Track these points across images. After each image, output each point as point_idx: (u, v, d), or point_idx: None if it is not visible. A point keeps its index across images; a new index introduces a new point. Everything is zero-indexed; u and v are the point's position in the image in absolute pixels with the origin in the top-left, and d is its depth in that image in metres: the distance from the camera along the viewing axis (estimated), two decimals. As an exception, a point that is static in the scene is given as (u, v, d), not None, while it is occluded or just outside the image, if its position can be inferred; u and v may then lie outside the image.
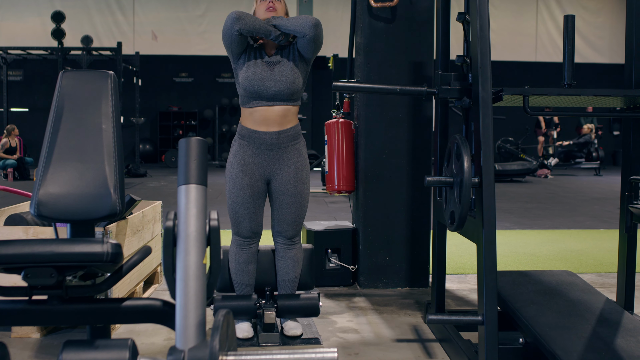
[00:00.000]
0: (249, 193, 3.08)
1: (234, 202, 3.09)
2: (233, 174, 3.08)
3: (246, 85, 3.01)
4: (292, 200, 3.11)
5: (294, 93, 3.04)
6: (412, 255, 4.15)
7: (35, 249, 1.92)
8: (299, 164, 3.11)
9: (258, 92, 3.00)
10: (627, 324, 2.76)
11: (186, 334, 1.67)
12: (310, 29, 2.96)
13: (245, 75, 3.01)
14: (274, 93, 3.00)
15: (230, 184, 3.09)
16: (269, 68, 3.01)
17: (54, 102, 2.51)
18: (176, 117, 19.57)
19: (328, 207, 8.55)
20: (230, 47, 3.02)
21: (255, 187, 3.08)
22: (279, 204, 3.12)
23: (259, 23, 2.98)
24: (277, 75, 3.00)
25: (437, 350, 3.02)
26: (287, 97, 3.03)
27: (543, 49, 19.64)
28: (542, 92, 2.69)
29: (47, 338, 3.10)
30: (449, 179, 2.68)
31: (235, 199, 3.08)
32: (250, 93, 3.02)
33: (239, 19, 2.93)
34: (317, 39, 3.01)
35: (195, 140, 1.83)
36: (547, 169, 14.99)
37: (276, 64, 3.03)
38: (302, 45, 3.02)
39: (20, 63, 16.50)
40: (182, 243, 1.73)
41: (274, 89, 3.00)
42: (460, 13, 2.86)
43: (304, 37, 2.98)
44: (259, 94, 3.01)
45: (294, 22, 2.99)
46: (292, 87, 3.02)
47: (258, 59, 3.04)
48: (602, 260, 5.16)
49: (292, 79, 3.01)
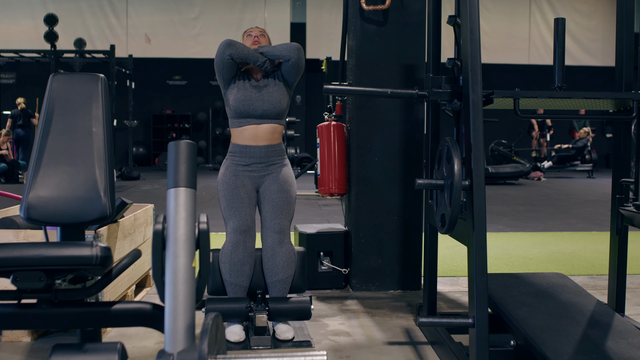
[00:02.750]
0: (242, 191, 3.27)
1: (229, 199, 3.26)
2: (226, 179, 3.30)
3: (236, 106, 3.27)
4: (279, 196, 3.29)
5: (280, 112, 3.32)
6: (404, 258, 4.15)
7: (24, 253, 1.91)
8: (286, 172, 3.36)
9: (248, 111, 3.27)
10: (618, 326, 2.76)
11: (175, 337, 1.66)
12: (294, 52, 3.27)
13: (235, 97, 3.27)
14: (263, 112, 3.27)
15: (223, 187, 3.28)
16: (257, 90, 3.29)
17: (44, 105, 2.50)
18: (170, 120, 19.54)
19: (321, 209, 8.55)
20: (222, 72, 3.27)
21: (248, 189, 3.29)
22: (268, 199, 3.29)
23: (248, 50, 3.27)
24: (265, 96, 3.28)
25: (429, 353, 3.02)
26: (274, 116, 3.30)
27: (536, 51, 19.70)
28: (533, 94, 2.70)
29: (37, 342, 3.09)
30: (440, 182, 2.68)
31: (229, 197, 3.26)
32: (240, 113, 3.28)
33: (230, 45, 3.22)
34: (299, 62, 3.29)
35: (184, 143, 1.83)
36: (540, 171, 15.02)
37: (263, 87, 3.30)
38: (286, 69, 3.31)
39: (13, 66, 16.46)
40: (171, 246, 1.73)
41: (262, 108, 3.27)
42: (451, 16, 2.86)
43: (288, 60, 3.27)
44: (249, 113, 3.27)
45: (279, 48, 3.29)
46: (279, 107, 3.30)
47: (247, 83, 3.30)
48: (594, 263, 5.17)
49: (278, 99, 3.29)
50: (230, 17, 19.25)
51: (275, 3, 19.38)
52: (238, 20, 19.27)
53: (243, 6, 19.29)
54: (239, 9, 19.29)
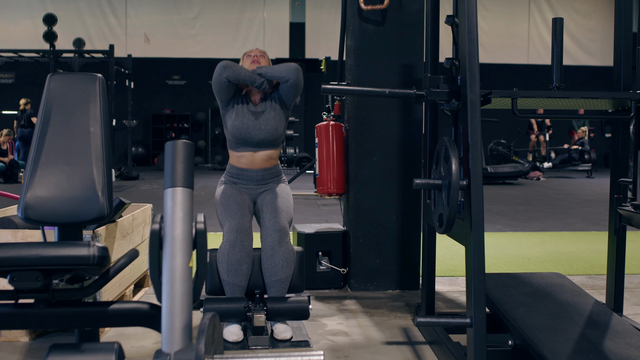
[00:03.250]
0: (239, 197, 3.33)
1: (225, 204, 3.29)
2: (223, 191, 3.37)
3: (234, 133, 3.32)
4: (277, 200, 3.33)
5: (277, 139, 3.37)
6: (403, 258, 4.15)
7: (21, 253, 1.91)
8: (282, 186, 3.42)
9: (245, 139, 3.32)
10: (616, 326, 2.76)
11: (172, 337, 1.66)
12: (293, 73, 3.27)
13: (233, 123, 3.31)
14: (259, 140, 3.32)
15: (220, 197, 3.36)
16: (254, 117, 3.31)
17: (42, 105, 2.50)
18: (169, 119, 19.55)
19: (320, 209, 8.55)
20: (219, 94, 3.31)
21: (244, 198, 3.36)
22: (266, 205, 3.32)
23: (245, 71, 3.28)
24: (262, 124, 3.31)
25: (427, 353, 3.02)
26: (270, 144, 3.36)
27: (535, 51, 19.71)
28: (531, 94, 2.70)
29: (35, 342, 3.09)
30: (437, 182, 2.68)
31: (225, 202, 3.31)
32: (238, 140, 3.34)
33: (226, 67, 3.24)
34: (298, 83, 3.31)
35: (181, 143, 1.83)
36: (539, 171, 15.03)
37: (261, 113, 3.32)
38: (284, 90, 3.33)
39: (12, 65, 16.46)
40: (168, 246, 1.73)
41: (259, 137, 3.31)
42: (449, 16, 2.86)
43: (287, 82, 3.29)
44: (246, 141, 3.32)
45: (278, 69, 3.29)
46: (275, 134, 3.34)
47: (245, 108, 3.33)
48: (592, 262, 5.17)
49: (275, 127, 3.33)
50: (230, 16, 19.26)
51: (274, 3, 19.39)
52: (237, 20, 19.28)
53: (242, 6, 19.29)
54: (238, 9, 19.29)
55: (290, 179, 10.25)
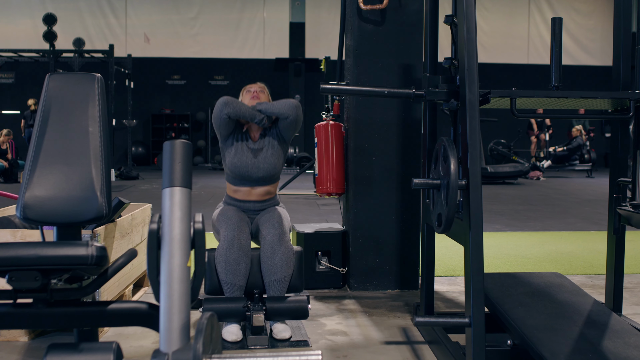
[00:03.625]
0: (238, 213, 3.34)
1: (222, 215, 3.34)
2: (221, 209, 3.39)
3: (233, 169, 3.37)
4: (275, 213, 3.34)
5: (274, 175, 3.42)
6: (402, 258, 4.15)
7: (19, 252, 1.91)
8: (280, 211, 3.39)
9: (243, 176, 3.36)
10: (615, 325, 2.76)
11: (170, 336, 1.66)
12: (292, 110, 3.32)
13: (232, 161, 3.36)
14: (257, 178, 3.37)
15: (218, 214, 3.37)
16: (253, 155, 3.35)
17: (40, 105, 2.50)
18: (169, 119, 19.55)
19: (320, 209, 8.55)
20: (219, 129, 3.34)
21: (243, 216, 3.36)
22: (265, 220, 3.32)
23: (245, 108, 3.31)
24: (260, 163, 3.35)
25: (426, 352, 3.02)
26: (268, 181, 3.41)
27: (535, 51, 19.71)
28: (529, 94, 2.70)
29: (35, 341, 3.09)
30: (436, 181, 2.68)
31: (222, 213, 3.35)
32: (236, 176, 3.38)
33: (227, 104, 3.26)
34: (297, 120, 3.35)
35: (179, 142, 1.83)
36: (539, 171, 15.03)
37: (259, 150, 3.37)
38: (284, 126, 3.36)
39: (12, 65, 16.48)
40: (166, 246, 1.73)
41: (257, 175, 3.36)
42: (448, 15, 2.86)
43: (286, 118, 3.32)
44: (243, 178, 3.37)
45: (277, 106, 3.32)
46: (273, 172, 3.39)
47: (244, 145, 3.37)
48: (592, 262, 5.17)
49: (273, 166, 3.37)
50: (229, 16, 19.26)
51: (274, 2, 19.39)
52: (237, 19, 19.28)
53: (242, 5, 19.29)
54: (238, 9, 19.29)
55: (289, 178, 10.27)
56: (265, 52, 19.38)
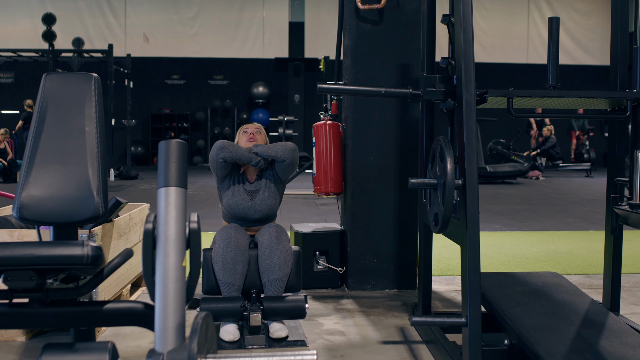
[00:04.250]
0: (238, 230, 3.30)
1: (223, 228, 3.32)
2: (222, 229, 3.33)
3: (229, 211, 3.41)
4: (273, 229, 3.32)
5: (271, 216, 3.46)
6: (400, 257, 4.15)
7: (14, 252, 1.91)
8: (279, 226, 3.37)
9: (239, 217, 3.40)
10: (612, 325, 2.76)
11: (165, 336, 1.66)
12: (289, 154, 3.36)
13: (228, 202, 3.40)
14: (254, 220, 3.41)
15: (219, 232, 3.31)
16: (249, 197, 3.39)
17: (37, 104, 2.50)
18: (168, 119, 19.54)
19: (318, 209, 8.55)
20: (215, 171, 3.39)
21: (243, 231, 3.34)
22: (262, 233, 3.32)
23: (241, 151, 3.35)
24: (257, 205, 3.38)
25: (423, 352, 3.02)
26: (264, 221, 3.43)
27: (534, 50, 19.70)
28: (526, 94, 2.70)
29: (32, 341, 3.09)
30: (433, 181, 2.68)
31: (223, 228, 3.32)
32: (232, 217, 3.42)
33: (223, 148, 3.30)
34: (294, 163, 3.40)
35: (174, 142, 1.83)
36: (538, 170, 15.03)
37: (256, 192, 3.40)
38: (280, 168, 3.41)
39: (12, 65, 16.47)
40: (161, 245, 1.73)
41: (253, 217, 3.40)
42: (445, 15, 2.86)
43: (283, 161, 3.37)
44: (240, 219, 3.41)
45: (274, 149, 3.36)
46: (269, 213, 3.43)
47: (240, 188, 3.40)
48: (590, 262, 5.17)
49: (270, 207, 3.41)
50: (229, 16, 19.26)
51: (273, 2, 19.39)
52: (236, 19, 19.29)
53: (241, 5, 19.29)
54: (237, 8, 19.29)
55: (289, 178, 10.28)
56: (265, 51, 19.39)
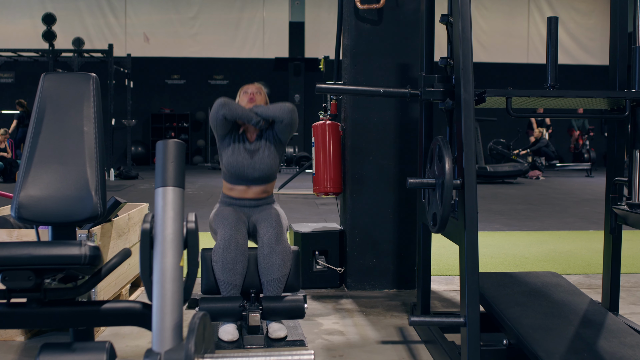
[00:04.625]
0: (235, 214, 3.36)
1: (219, 215, 3.37)
2: (218, 209, 3.45)
3: (229, 169, 3.42)
4: (272, 213, 3.37)
5: (270, 176, 3.46)
6: (400, 257, 4.15)
7: (12, 252, 1.91)
8: (277, 208, 3.47)
9: (239, 176, 3.41)
10: (610, 325, 2.76)
11: (162, 336, 1.66)
12: (287, 114, 3.36)
13: (228, 160, 3.41)
14: (253, 179, 3.42)
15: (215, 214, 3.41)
16: (249, 156, 3.39)
17: (35, 104, 2.50)
18: (168, 119, 19.55)
19: (318, 208, 8.55)
20: (216, 129, 3.39)
21: (240, 216, 3.38)
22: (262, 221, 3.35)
23: (242, 110, 3.36)
24: (257, 163, 3.39)
25: (422, 352, 3.02)
26: (264, 180, 3.45)
27: (535, 50, 19.70)
28: (525, 93, 2.69)
29: (31, 341, 3.09)
30: (431, 181, 2.68)
31: (219, 213, 3.39)
32: (232, 175, 3.43)
33: (224, 105, 3.31)
34: (292, 123, 3.39)
35: (172, 142, 1.83)
36: (538, 170, 15.03)
37: (256, 151, 3.41)
38: (280, 129, 3.41)
39: (12, 65, 16.46)
40: (159, 245, 1.73)
41: (253, 175, 3.40)
42: (444, 15, 2.86)
43: (281, 122, 3.37)
44: (239, 177, 3.41)
45: (273, 109, 3.37)
46: (269, 172, 3.44)
47: (240, 146, 3.40)
48: (590, 262, 5.17)
49: (269, 166, 3.42)
50: (229, 16, 19.26)
51: (273, 2, 19.39)
52: (237, 19, 19.28)
53: (242, 5, 19.29)
54: (237, 8, 19.29)
55: (289, 178, 10.28)
56: (265, 51, 19.39)
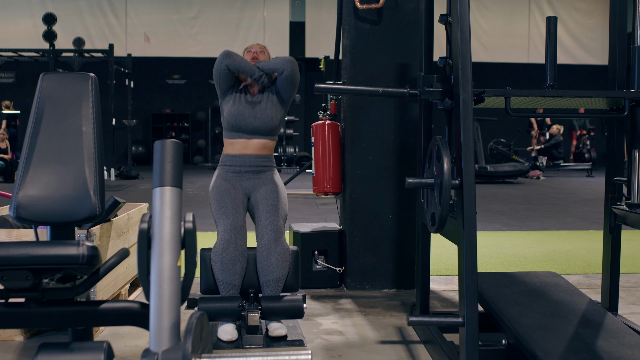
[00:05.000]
0: (233, 193, 3.34)
1: (219, 200, 3.33)
2: (216, 185, 3.40)
3: (229, 119, 3.37)
4: (272, 196, 3.35)
5: (272, 129, 3.41)
6: (399, 257, 4.15)
7: (9, 252, 1.91)
8: (277, 182, 3.43)
9: (239, 126, 3.36)
10: (609, 325, 2.76)
11: (160, 336, 1.66)
12: (287, 64, 3.36)
13: (229, 110, 3.37)
14: (254, 128, 3.36)
15: (214, 192, 3.38)
16: (250, 106, 3.37)
17: (34, 104, 2.50)
18: (169, 119, 19.56)
19: (319, 208, 8.55)
20: (219, 81, 3.38)
21: (237, 193, 3.36)
22: (261, 202, 3.34)
23: (246, 62, 3.36)
24: (258, 113, 3.36)
25: (421, 352, 3.02)
26: (265, 133, 3.39)
27: (535, 50, 19.67)
28: (524, 93, 2.69)
29: (30, 341, 3.09)
30: (430, 181, 2.67)
31: (219, 198, 3.33)
32: (232, 127, 3.38)
33: (228, 55, 3.33)
34: (293, 75, 3.37)
35: (170, 142, 1.83)
36: (539, 170, 15.02)
37: (257, 103, 3.38)
38: (281, 82, 3.38)
39: (12, 65, 16.46)
40: (156, 245, 1.73)
41: (253, 125, 3.35)
42: (443, 15, 2.86)
43: (282, 73, 3.35)
44: (240, 128, 3.36)
45: (274, 62, 3.38)
46: (271, 124, 3.38)
47: (242, 98, 3.39)
48: (589, 261, 5.17)
49: (270, 117, 3.37)
50: (230, 16, 19.27)
51: (274, 2, 19.39)
52: (237, 19, 19.29)
53: (242, 5, 19.30)
54: (238, 8, 19.30)
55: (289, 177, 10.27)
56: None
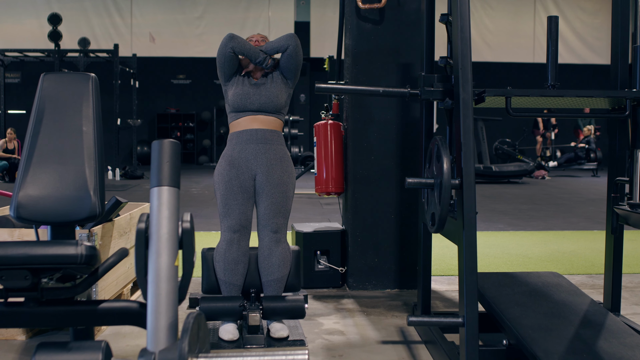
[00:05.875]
0: (237, 185, 3.23)
1: (224, 195, 3.24)
2: (221, 169, 3.29)
3: (234, 101, 3.31)
4: (277, 190, 3.25)
5: (277, 107, 3.33)
6: (401, 257, 4.14)
7: (8, 251, 1.91)
8: (284, 159, 3.32)
9: (244, 105, 3.30)
10: (611, 325, 2.75)
11: (157, 335, 1.67)
12: (290, 40, 3.32)
13: (233, 92, 3.32)
14: (259, 105, 3.30)
15: (218, 180, 3.28)
16: (255, 87, 3.33)
17: (34, 104, 2.51)
18: (174, 119, 19.58)
19: (322, 208, 8.55)
20: (223, 66, 3.34)
21: (243, 179, 3.24)
22: (265, 194, 3.25)
23: (250, 45, 3.34)
24: (262, 91, 3.31)
25: (422, 352, 3.01)
26: (271, 110, 3.31)
27: (541, 50, 19.60)
28: (524, 93, 2.69)
29: (32, 340, 3.10)
30: (430, 181, 2.67)
31: (224, 192, 3.24)
32: (237, 107, 3.31)
33: (232, 38, 3.31)
34: (296, 51, 3.32)
35: (167, 142, 1.83)
36: (544, 170, 14.99)
37: (261, 85, 3.34)
38: (284, 60, 3.33)
39: (18, 65, 16.50)
40: (154, 245, 1.73)
41: (258, 102, 3.29)
42: (443, 14, 2.85)
43: (285, 49, 3.31)
44: (245, 107, 3.30)
45: (277, 40, 3.36)
46: (276, 101, 3.31)
47: (246, 81, 3.35)
48: (593, 262, 5.15)
49: (275, 94, 3.32)
50: (234, 16, 19.27)
51: (279, 2, 19.38)
52: (242, 19, 19.29)
53: (247, 5, 19.30)
54: (243, 8, 19.30)
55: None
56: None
